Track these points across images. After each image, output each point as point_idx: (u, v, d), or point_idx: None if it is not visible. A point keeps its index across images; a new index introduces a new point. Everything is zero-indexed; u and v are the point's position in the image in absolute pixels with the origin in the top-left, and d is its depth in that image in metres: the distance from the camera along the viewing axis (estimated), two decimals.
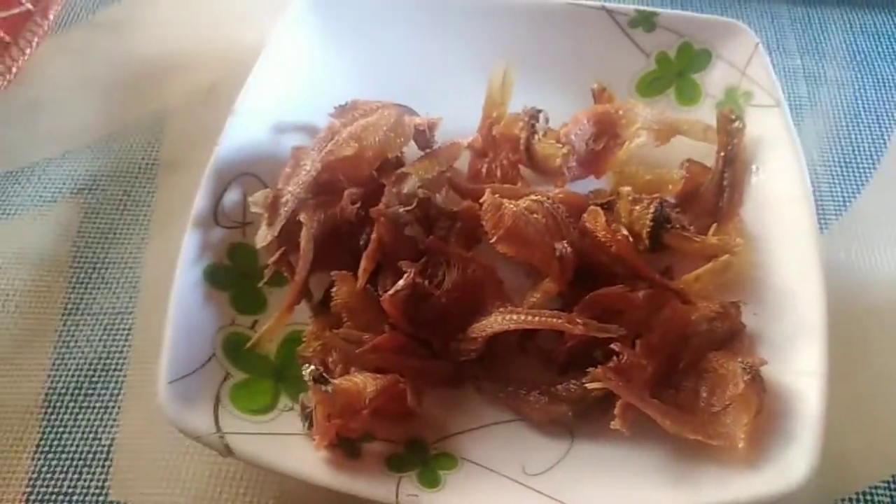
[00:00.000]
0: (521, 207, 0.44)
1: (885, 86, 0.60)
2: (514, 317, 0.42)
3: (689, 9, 0.63)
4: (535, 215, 0.44)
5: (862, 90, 0.60)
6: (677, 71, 0.55)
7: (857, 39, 0.63)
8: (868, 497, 0.43)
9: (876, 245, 0.52)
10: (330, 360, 0.44)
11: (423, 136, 0.50)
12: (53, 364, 0.48)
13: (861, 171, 0.55)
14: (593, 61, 0.55)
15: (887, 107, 0.59)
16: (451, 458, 0.42)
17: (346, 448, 0.41)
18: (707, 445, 0.40)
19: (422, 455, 0.42)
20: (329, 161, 0.47)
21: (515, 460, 0.42)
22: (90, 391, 0.48)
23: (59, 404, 0.47)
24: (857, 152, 0.56)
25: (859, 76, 0.61)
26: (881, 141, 0.57)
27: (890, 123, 0.58)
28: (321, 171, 0.47)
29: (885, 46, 0.62)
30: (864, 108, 0.59)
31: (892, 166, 0.55)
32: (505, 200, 0.44)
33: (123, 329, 0.50)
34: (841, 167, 0.55)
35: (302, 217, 0.45)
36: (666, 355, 0.43)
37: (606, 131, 0.50)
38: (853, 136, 0.57)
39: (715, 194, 0.49)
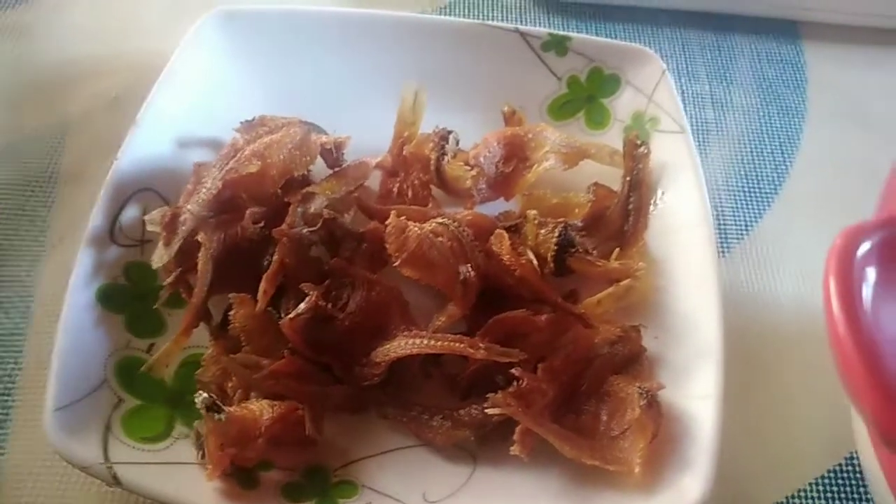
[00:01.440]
0: (426, 230, 0.43)
1: (788, 113, 0.62)
2: (417, 341, 0.42)
3: (601, 34, 0.64)
4: (440, 238, 0.44)
5: (767, 117, 0.61)
6: (587, 95, 0.55)
7: (763, 67, 0.64)
8: None
9: (776, 268, 0.53)
10: (229, 385, 0.43)
11: (331, 155, 0.49)
12: None
13: (764, 195, 0.57)
14: (506, 83, 0.55)
15: (790, 133, 0.60)
16: (351, 486, 0.41)
17: (241, 478, 0.40)
18: (606, 470, 0.40)
19: (322, 483, 0.41)
20: (231, 178, 0.46)
21: (417, 486, 0.41)
22: None
23: None
24: (760, 177, 0.58)
25: (765, 103, 0.62)
26: (783, 167, 0.58)
27: (792, 150, 0.59)
28: (223, 188, 0.45)
29: (789, 75, 0.64)
30: (768, 134, 0.60)
31: (793, 191, 0.57)
32: (410, 223, 0.44)
33: (14, 351, 0.47)
34: (744, 192, 0.57)
35: (200, 236, 0.44)
36: (568, 378, 0.43)
37: (516, 154, 0.51)
38: (757, 162, 0.59)
39: (621, 218, 0.50)
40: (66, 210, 0.53)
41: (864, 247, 0.29)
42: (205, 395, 0.39)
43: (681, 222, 0.49)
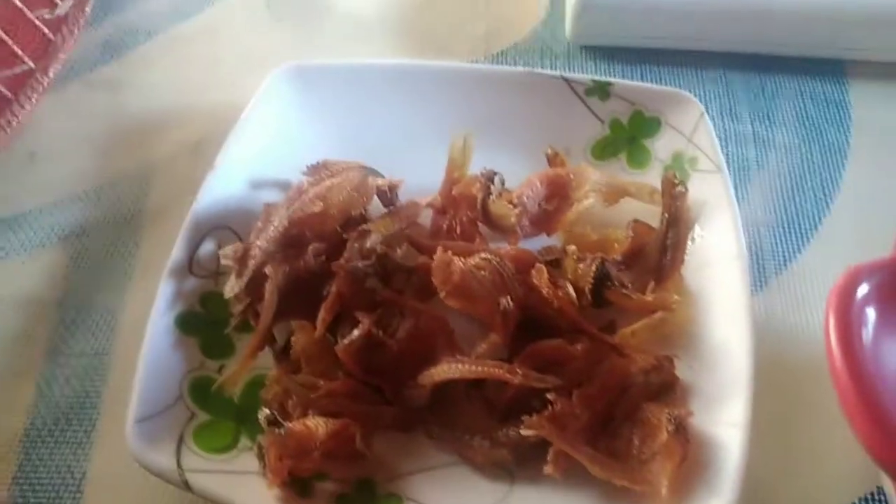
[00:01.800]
0: (470, 265, 0.47)
1: (830, 150, 0.63)
2: (459, 366, 0.45)
3: (647, 76, 0.67)
4: (482, 272, 0.47)
5: (808, 154, 0.63)
6: (629, 136, 0.58)
7: (806, 106, 0.66)
8: None
9: (813, 302, 0.55)
10: (289, 403, 0.47)
11: (386, 196, 0.53)
12: (35, 401, 0.51)
13: (803, 231, 0.58)
14: (552, 126, 0.58)
15: (832, 170, 0.62)
16: (397, 499, 0.45)
17: (297, 487, 0.44)
18: (636, 491, 0.43)
19: (369, 495, 0.45)
20: (296, 217, 0.50)
21: (457, 501, 0.45)
22: (66, 427, 0.51)
23: (37, 439, 0.50)
24: (800, 213, 0.59)
25: (807, 141, 0.63)
26: (824, 203, 0.60)
27: (833, 187, 0.61)
28: (289, 226, 0.50)
29: (832, 113, 0.65)
30: (809, 171, 0.62)
31: (833, 228, 0.58)
32: (455, 258, 0.47)
33: (101, 369, 0.53)
34: (784, 227, 0.58)
35: (268, 269, 0.49)
36: (603, 405, 0.46)
37: (558, 193, 0.54)
38: (797, 198, 0.60)
39: (659, 253, 0.52)
40: (152, 245, 0.58)
41: (865, 286, 0.31)
42: (267, 411, 0.43)
43: (716, 257, 0.51)
